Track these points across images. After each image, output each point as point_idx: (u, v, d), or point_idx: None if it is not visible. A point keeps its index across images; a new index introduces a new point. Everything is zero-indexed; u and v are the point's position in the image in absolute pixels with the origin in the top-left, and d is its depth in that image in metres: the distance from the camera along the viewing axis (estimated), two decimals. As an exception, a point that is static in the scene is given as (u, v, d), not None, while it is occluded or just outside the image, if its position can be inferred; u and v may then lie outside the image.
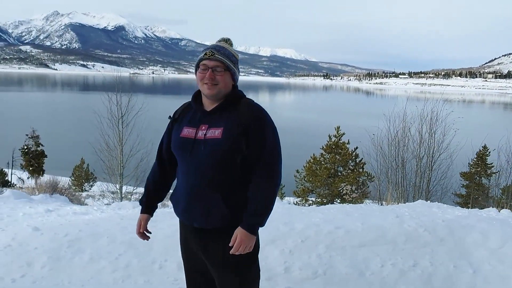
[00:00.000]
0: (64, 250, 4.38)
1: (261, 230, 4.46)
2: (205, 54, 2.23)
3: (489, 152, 24.38)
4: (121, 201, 10.53)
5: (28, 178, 35.76)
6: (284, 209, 5.32)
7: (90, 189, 32.84)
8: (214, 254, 2.29)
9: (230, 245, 2.19)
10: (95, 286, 3.96)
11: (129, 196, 12.89)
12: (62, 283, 4.00)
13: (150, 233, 2.58)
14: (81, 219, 5.28)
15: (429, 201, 6.10)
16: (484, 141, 9.69)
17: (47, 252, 4.34)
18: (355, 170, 24.00)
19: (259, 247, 2.45)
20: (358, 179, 23.59)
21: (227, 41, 2.36)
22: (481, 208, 6.70)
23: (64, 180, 20.74)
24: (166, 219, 4.79)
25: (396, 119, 10.10)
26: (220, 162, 2.15)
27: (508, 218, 4.93)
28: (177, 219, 2.44)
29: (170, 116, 2.44)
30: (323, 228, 4.40)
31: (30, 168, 35.97)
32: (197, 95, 2.33)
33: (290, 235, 4.38)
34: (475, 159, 24.70)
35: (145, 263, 4.21)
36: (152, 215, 2.56)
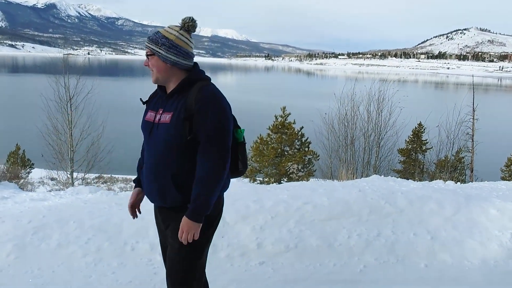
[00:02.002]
0: (29, 237, 4.25)
1: (231, 208, 4.58)
2: None
3: (424, 129, 25.82)
4: (73, 186, 10.17)
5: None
6: (250, 188, 5.44)
7: (27, 176, 31.34)
8: (171, 232, 2.35)
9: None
10: (66, 271, 3.89)
11: (81, 182, 12.46)
12: (31, 270, 3.90)
13: (140, 212, 2.61)
14: (41, 206, 5.11)
15: (382, 175, 6.45)
16: (427, 118, 10.27)
17: (12, 240, 4.19)
18: (301, 150, 24.60)
19: (208, 239, 2.41)
20: (304, 158, 24.22)
21: (183, 21, 2.31)
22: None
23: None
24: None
25: (345, 99, 10.45)
26: (169, 145, 2.22)
27: (457, 189, 5.35)
28: (147, 200, 2.52)
29: (141, 99, 2.51)
30: (291, 204, 4.56)
31: (-42, 156, 33.67)
32: None
33: (260, 212, 4.50)
34: (411, 136, 26.08)
35: (117, 246, 4.18)
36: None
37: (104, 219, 4.53)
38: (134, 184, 2.64)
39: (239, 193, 4.97)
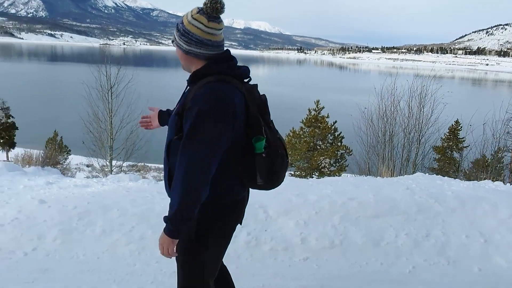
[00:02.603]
0: (75, 222, 4.30)
1: (273, 201, 4.50)
2: None
3: (461, 127, 25.00)
4: (111, 174, 10.32)
5: (-2, 150, 34.69)
6: (290, 181, 5.34)
7: (64, 162, 32.21)
8: None
9: None
10: (111, 258, 3.92)
11: (126, 170, 12.67)
12: (76, 256, 3.94)
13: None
14: (85, 192, 5.17)
15: (427, 174, 6.23)
16: (472, 115, 9.87)
17: (57, 225, 4.25)
18: (333, 144, 24.33)
19: (205, 245, 2.15)
20: (336, 152, 23.94)
21: (204, 3, 2.03)
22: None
23: (37, 153, 20.26)
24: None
25: (385, 94, 10.19)
26: (168, 139, 2.10)
27: (510, 189, 5.10)
28: None
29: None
30: (336, 200, 4.45)
31: (1, 141, 34.89)
32: None
33: (304, 206, 4.41)
34: (447, 134, 25.31)
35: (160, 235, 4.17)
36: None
37: (147, 208, 4.54)
38: None
39: (280, 186, 4.87)
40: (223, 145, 1.96)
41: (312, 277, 3.63)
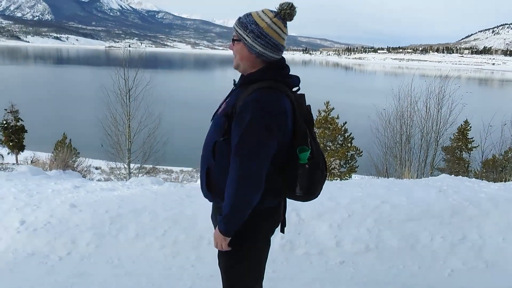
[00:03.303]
0: (107, 226, 4.30)
1: (305, 205, 4.48)
2: None
3: (470, 127, 24.86)
4: (129, 177, 10.32)
5: (8, 153, 34.88)
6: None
7: (74, 164, 32.33)
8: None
9: None
10: (146, 262, 3.91)
11: (135, 172, 12.69)
12: (111, 260, 3.94)
13: None
14: (112, 195, 5.16)
15: (453, 175, 6.19)
16: (493, 117, 9.78)
17: (90, 229, 4.25)
18: (343, 145, 24.27)
19: (239, 260, 2.20)
20: (346, 154, 23.88)
21: (280, 6, 2.02)
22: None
23: (46, 156, 20.30)
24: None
25: (402, 94, 10.13)
26: (211, 138, 2.09)
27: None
28: None
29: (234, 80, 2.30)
30: (368, 203, 4.42)
31: (10, 144, 35.07)
32: None
33: (336, 209, 4.38)
34: (456, 134, 25.14)
35: (193, 239, 4.16)
36: None
37: (178, 212, 4.53)
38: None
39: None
40: (271, 153, 1.97)
41: (351, 281, 3.61)
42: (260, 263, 2.32)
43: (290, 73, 2.14)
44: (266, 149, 1.94)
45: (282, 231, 2.36)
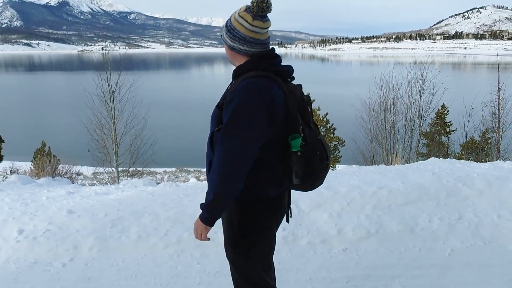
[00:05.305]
0: (108, 230, 4.28)
1: (304, 196, 4.53)
2: None
3: (447, 111, 25.33)
4: (118, 181, 10.24)
5: (-15, 166, 34.10)
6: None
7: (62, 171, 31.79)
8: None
9: None
10: (151, 263, 3.92)
11: (121, 175, 12.56)
12: (116, 263, 3.93)
13: None
14: (108, 199, 5.13)
15: (441, 158, 6.34)
16: (474, 100, 9.98)
17: (92, 234, 4.23)
18: (326, 136, 24.44)
19: (244, 254, 2.26)
20: (329, 144, 24.07)
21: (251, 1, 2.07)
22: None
23: (26, 165, 19.90)
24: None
25: (384, 82, 10.28)
26: (210, 132, 2.15)
27: (529, 168, 5.21)
28: None
29: None
30: (366, 190, 4.51)
31: (-12, 155, 34.31)
32: None
33: (335, 198, 4.45)
34: (434, 119, 25.57)
35: (195, 220, 4.17)
36: None
37: (178, 211, 4.54)
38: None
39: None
40: (258, 138, 1.99)
41: (356, 267, 3.68)
42: (268, 252, 2.35)
43: (282, 63, 2.18)
44: (251, 132, 1.95)
45: (288, 220, 2.39)
